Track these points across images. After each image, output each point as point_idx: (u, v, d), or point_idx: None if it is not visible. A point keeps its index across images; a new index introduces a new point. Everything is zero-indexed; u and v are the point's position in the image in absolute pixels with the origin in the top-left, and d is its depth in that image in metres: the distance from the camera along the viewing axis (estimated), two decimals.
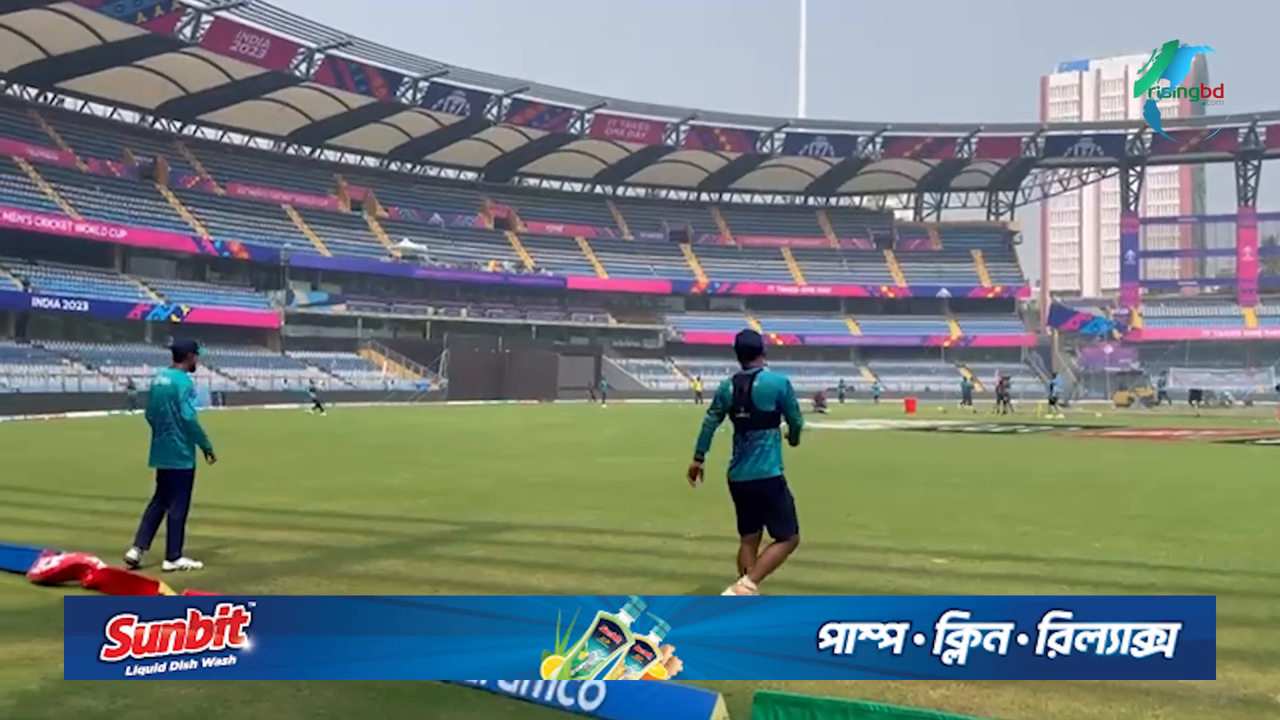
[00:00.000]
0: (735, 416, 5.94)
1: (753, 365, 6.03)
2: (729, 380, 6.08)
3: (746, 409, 5.88)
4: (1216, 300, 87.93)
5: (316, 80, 65.97)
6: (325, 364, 61.22)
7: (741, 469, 5.96)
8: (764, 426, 5.91)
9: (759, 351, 6.08)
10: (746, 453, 5.93)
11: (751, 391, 5.87)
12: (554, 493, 12.70)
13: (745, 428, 5.91)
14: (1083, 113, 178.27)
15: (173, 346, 8.17)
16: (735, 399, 5.94)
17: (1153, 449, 21.74)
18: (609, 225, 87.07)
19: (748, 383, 5.91)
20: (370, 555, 8.39)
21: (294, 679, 4.79)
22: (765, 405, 5.87)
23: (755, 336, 6.17)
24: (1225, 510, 10.89)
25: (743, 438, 5.94)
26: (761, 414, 5.87)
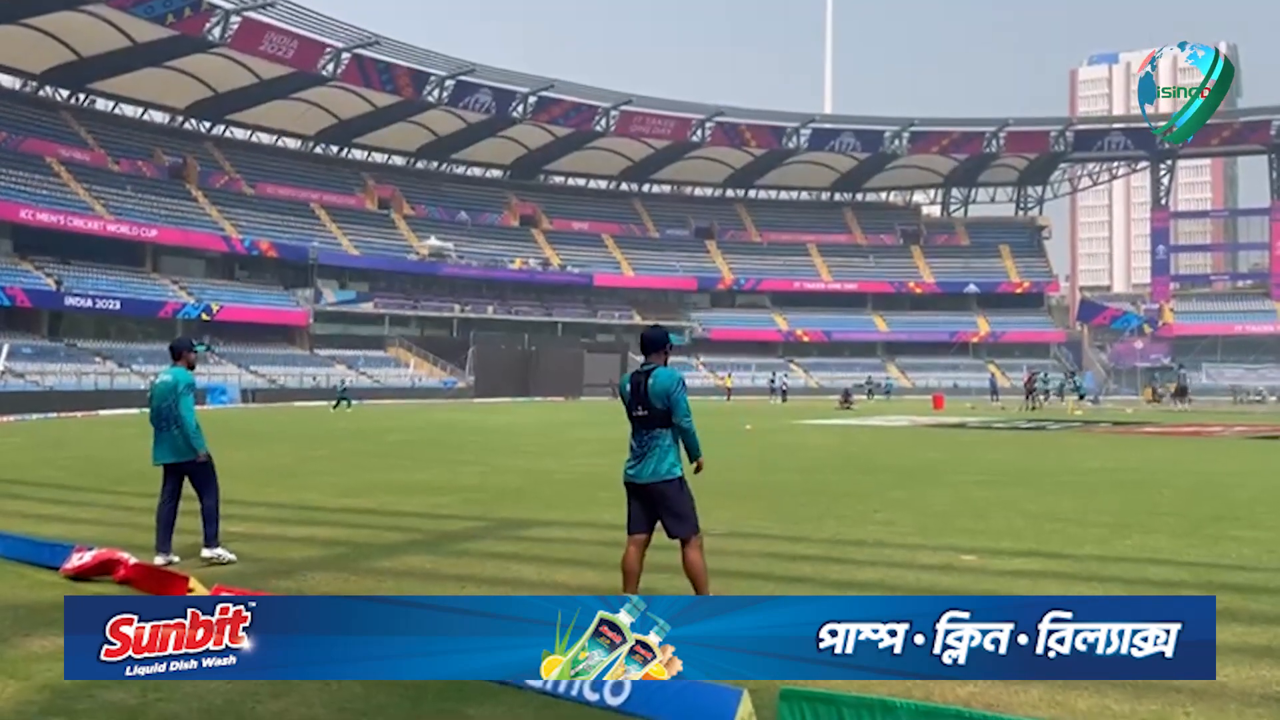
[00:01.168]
0: (632, 415, 5.74)
1: (652, 360, 5.78)
2: (627, 377, 5.87)
3: (643, 406, 5.66)
4: (1249, 295, 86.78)
5: (344, 80, 66.38)
6: (353, 362, 61.63)
7: (642, 470, 5.72)
8: (661, 425, 5.68)
9: (659, 347, 5.81)
10: (646, 452, 5.70)
11: (647, 389, 5.64)
12: (580, 489, 12.72)
13: (642, 426, 5.71)
14: (1112, 106, 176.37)
15: (171, 346, 8.24)
16: (632, 396, 5.72)
17: (1183, 445, 21.50)
18: (634, 222, 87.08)
19: (644, 379, 5.68)
20: (397, 551, 8.44)
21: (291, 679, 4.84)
22: (659, 403, 5.62)
23: (658, 330, 5.92)
24: (1258, 507, 10.76)
25: (641, 436, 5.72)
26: (659, 412, 5.64)
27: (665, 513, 5.79)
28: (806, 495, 12.08)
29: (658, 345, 5.82)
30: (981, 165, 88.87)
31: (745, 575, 7.23)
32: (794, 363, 77.92)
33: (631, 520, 5.86)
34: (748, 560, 7.86)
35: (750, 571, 7.39)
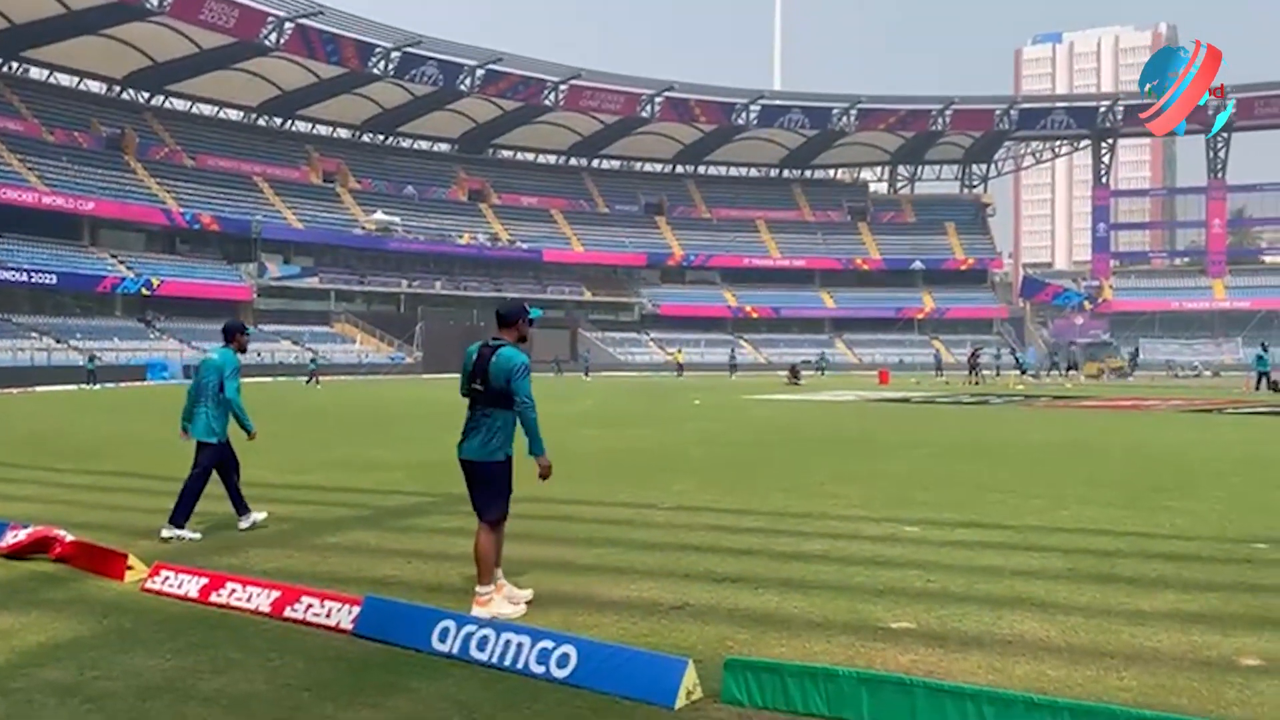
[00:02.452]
0: (471, 387, 5.51)
1: (504, 336, 5.58)
2: (475, 348, 5.58)
3: (481, 382, 5.43)
4: (1186, 272, 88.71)
5: (287, 50, 65.08)
6: (298, 337, 60.77)
7: (469, 446, 5.52)
8: (495, 405, 5.43)
9: (513, 321, 5.60)
10: (476, 429, 5.50)
11: (490, 364, 5.41)
12: (528, 465, 12.67)
13: (477, 401, 5.48)
14: (1055, 85, 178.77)
15: (224, 327, 8.40)
16: (474, 369, 5.47)
17: (1121, 418, 21.97)
18: (584, 198, 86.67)
19: (489, 354, 5.44)
20: (343, 527, 8.36)
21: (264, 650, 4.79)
22: (498, 382, 5.39)
23: (514, 304, 5.73)
24: (1193, 479, 11.02)
25: (473, 411, 5.51)
26: (495, 391, 5.40)
27: (477, 492, 5.55)
28: (754, 469, 12.17)
29: (511, 320, 5.61)
30: (927, 143, 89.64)
31: (693, 548, 7.27)
32: (743, 339, 78.29)
33: (475, 501, 5.65)
34: (695, 534, 7.90)
35: (698, 544, 7.43)
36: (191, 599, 5.74)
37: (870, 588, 5.98)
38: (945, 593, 5.85)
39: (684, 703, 3.99)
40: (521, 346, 5.59)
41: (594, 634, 4.88)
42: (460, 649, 4.64)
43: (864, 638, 4.95)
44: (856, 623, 5.22)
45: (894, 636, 4.98)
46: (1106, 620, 5.22)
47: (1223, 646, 4.73)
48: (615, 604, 5.67)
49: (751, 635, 5.01)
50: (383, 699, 4.15)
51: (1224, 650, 4.68)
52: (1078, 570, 6.42)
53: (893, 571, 6.42)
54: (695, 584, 6.12)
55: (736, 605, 5.60)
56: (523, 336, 5.66)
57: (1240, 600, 5.61)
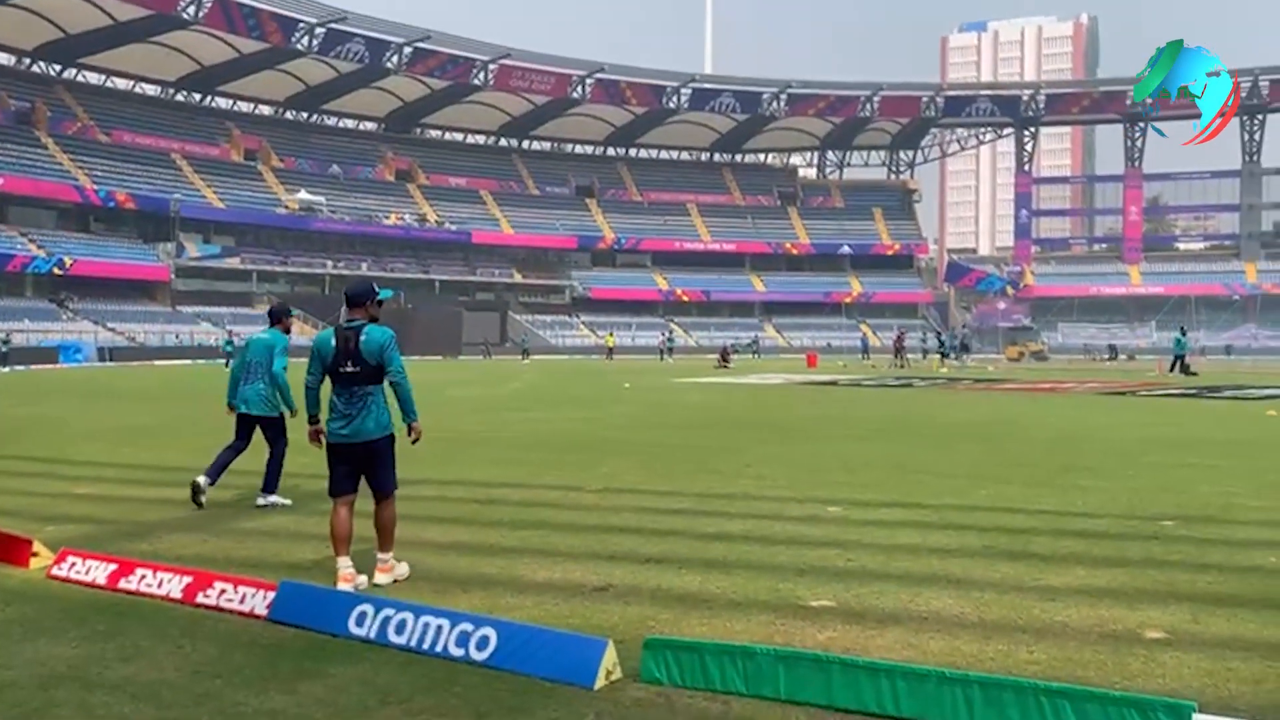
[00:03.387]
0: (341, 371, 5.58)
1: (356, 315, 5.68)
2: (329, 333, 5.69)
3: (354, 363, 5.55)
4: (1104, 258, 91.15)
5: (206, 23, 63.38)
6: (218, 319, 59.45)
7: (355, 426, 5.61)
8: (373, 381, 5.61)
9: (363, 301, 5.71)
10: (360, 410, 5.61)
11: (359, 345, 5.54)
12: (454, 448, 12.57)
13: (353, 382, 5.58)
14: (980, 73, 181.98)
15: (269, 311, 8.82)
16: (339, 353, 5.57)
17: (1039, 401, 22.52)
18: (514, 179, 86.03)
19: (354, 336, 5.57)
20: (259, 511, 8.20)
21: (175, 637, 4.67)
22: (373, 360, 5.56)
23: (364, 284, 5.83)
24: (1105, 458, 11.33)
25: (350, 393, 5.60)
26: (371, 368, 5.56)
27: (378, 468, 5.71)
28: (681, 452, 12.21)
29: (362, 299, 5.71)
30: (856, 129, 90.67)
31: (618, 530, 7.27)
32: (674, 322, 78.57)
33: (339, 482, 5.70)
34: (621, 515, 7.90)
35: (623, 526, 7.43)
36: (100, 586, 5.57)
37: (791, 567, 6.03)
38: (864, 571, 5.93)
39: (603, 683, 3.98)
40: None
41: (516, 616, 4.85)
42: (378, 633, 4.58)
43: (784, 616, 4.99)
44: (777, 601, 5.26)
45: (813, 614, 5.03)
46: (1019, 596, 5.33)
47: (1129, 620, 4.87)
48: (538, 586, 5.65)
49: (674, 615, 5.02)
50: (297, 684, 4.07)
51: (1130, 624, 4.81)
52: (993, 548, 6.56)
53: (814, 551, 6.49)
54: (619, 565, 6.12)
55: (659, 586, 5.61)
56: (373, 318, 5.74)
57: (1147, 576, 5.78)
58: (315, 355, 5.72)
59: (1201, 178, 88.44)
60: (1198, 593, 5.39)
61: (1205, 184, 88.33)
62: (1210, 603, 5.18)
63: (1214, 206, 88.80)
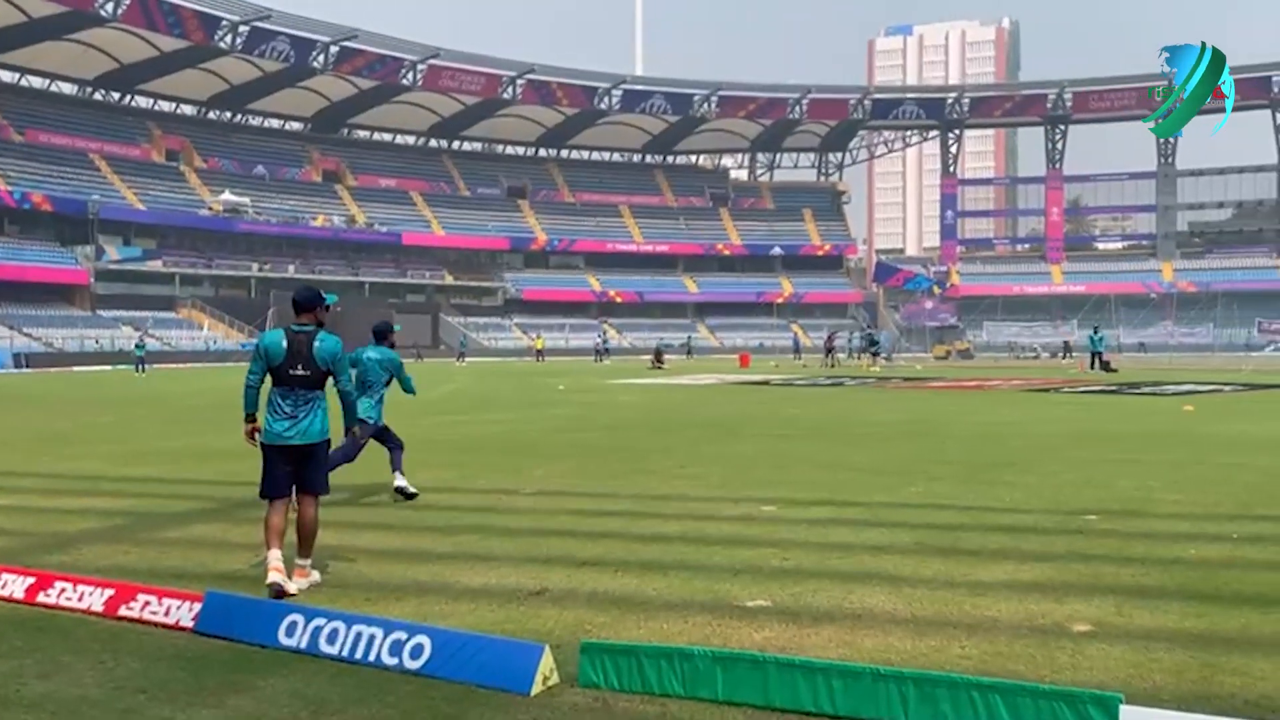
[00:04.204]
0: (291, 374, 5.59)
1: (304, 320, 5.71)
2: (278, 333, 5.68)
3: (305, 366, 5.59)
4: (1027, 258, 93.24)
5: (125, 21, 61.74)
6: (141, 323, 57.94)
7: (306, 429, 5.64)
8: (321, 387, 5.69)
9: (312, 307, 5.73)
10: (310, 412, 5.65)
11: (313, 350, 5.60)
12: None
13: (302, 385, 5.61)
14: (906, 76, 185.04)
15: (375, 329, 9.06)
16: (290, 355, 5.58)
17: (966, 398, 22.94)
18: (444, 180, 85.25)
19: (307, 340, 5.62)
20: (185, 521, 7.99)
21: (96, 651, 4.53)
22: (325, 366, 5.63)
23: (310, 290, 5.83)
24: (1031, 455, 11.57)
25: (297, 396, 5.63)
26: (321, 374, 5.63)
27: (314, 470, 5.75)
28: (616, 453, 12.20)
29: (311, 305, 5.72)
30: (785, 131, 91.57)
31: (553, 533, 7.23)
32: (607, 323, 78.54)
33: (277, 483, 5.73)
34: (556, 518, 7.86)
35: (558, 529, 7.39)
36: (17, 600, 5.38)
37: (727, 567, 6.05)
38: (799, 570, 5.97)
39: (540, 689, 3.95)
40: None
41: (450, 623, 4.79)
42: (309, 643, 4.48)
43: (720, 617, 5.00)
44: (713, 602, 5.27)
45: (750, 615, 5.05)
46: (950, 592, 5.41)
47: (1056, 613, 4.97)
48: (473, 591, 5.59)
49: (610, 618, 5.00)
50: (224, 698, 3.97)
51: (1057, 617, 4.91)
52: (924, 544, 6.65)
53: (749, 551, 6.52)
54: (555, 569, 6.08)
55: (596, 589, 5.59)
56: (320, 322, 5.77)
57: (1073, 569, 5.91)
58: (260, 355, 5.68)
59: (1119, 179, 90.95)
60: (1122, 585, 5.52)
61: (1123, 185, 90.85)
62: (1134, 595, 5.31)
63: (1131, 207, 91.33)
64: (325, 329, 5.75)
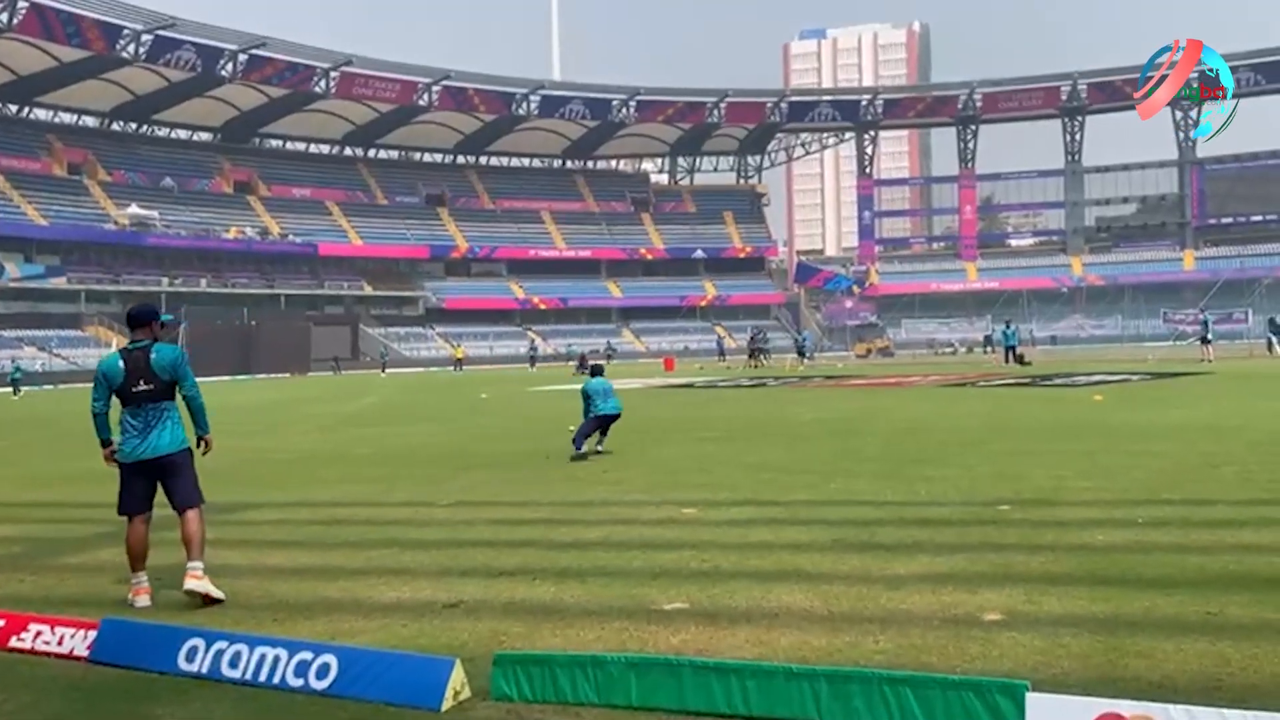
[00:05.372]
0: (134, 391, 5.64)
1: (140, 336, 5.77)
2: (115, 356, 5.76)
3: (147, 380, 5.64)
4: (942, 256, 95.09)
5: (20, 31, 59.74)
6: (44, 343, 56.07)
7: (156, 442, 5.68)
8: (166, 397, 5.72)
9: (147, 322, 5.81)
10: (155, 426, 5.68)
11: (151, 363, 5.65)
12: (300, 468, 12.14)
13: (147, 400, 5.65)
14: (821, 79, 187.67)
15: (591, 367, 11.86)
16: (129, 373, 5.64)
17: (886, 395, 23.27)
18: (361, 189, 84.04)
19: (144, 354, 5.68)
20: (87, 546, 7.70)
21: None
22: (166, 376, 5.69)
23: (145, 306, 5.93)
24: (948, 448, 11.74)
25: (144, 411, 5.67)
26: (165, 385, 5.69)
27: (179, 482, 5.77)
28: (538, 460, 12.09)
29: (146, 319, 5.82)
30: (704, 134, 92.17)
31: (470, 544, 7.11)
32: (531, 330, 78.18)
33: (135, 499, 5.77)
34: (475, 529, 7.74)
35: (476, 540, 7.27)
36: None
37: (646, 571, 6.00)
38: (718, 571, 5.95)
39: (451, 704, 3.85)
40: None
41: (361, 640, 4.67)
42: (210, 668, 4.32)
43: (638, 621, 4.95)
44: (631, 607, 5.22)
45: (667, 618, 5.00)
46: (866, 587, 5.43)
47: (969, 604, 5.01)
48: (385, 607, 5.45)
49: (526, 628, 4.92)
50: None
51: (969, 607, 4.95)
52: (842, 541, 6.68)
53: (669, 554, 6.48)
54: (471, 580, 5.97)
55: (512, 599, 5.50)
56: (156, 338, 5.86)
57: (986, 559, 5.98)
58: (101, 381, 5.75)
59: (1029, 177, 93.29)
60: (1032, 573, 5.60)
61: (1033, 183, 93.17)
62: (1044, 582, 5.39)
63: (1042, 204, 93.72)
64: (161, 342, 5.81)
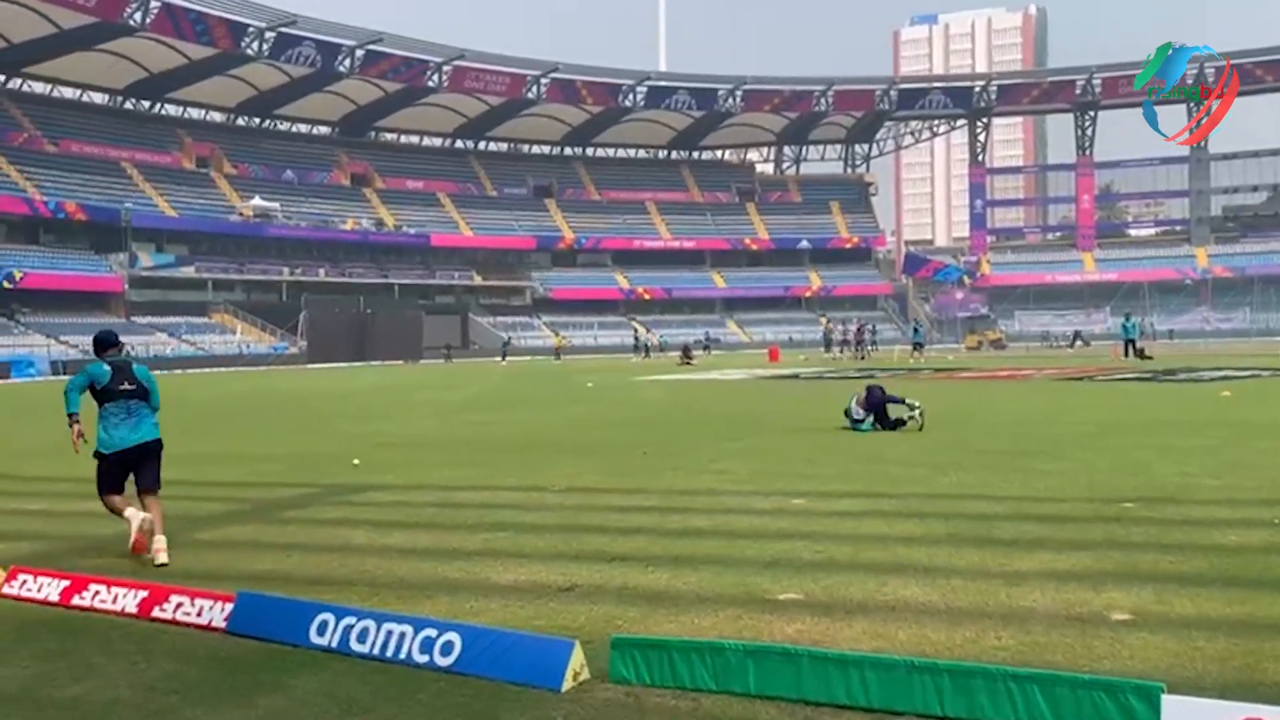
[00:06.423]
0: (120, 390, 6.87)
1: (111, 353, 7.11)
2: (102, 364, 6.98)
3: (131, 383, 6.93)
4: (1057, 246, 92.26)
5: (153, 30, 62.40)
6: (174, 329, 58.60)
7: (141, 433, 6.88)
8: (145, 399, 6.97)
9: (117, 343, 7.22)
10: (140, 417, 6.92)
11: (134, 371, 7.01)
12: (414, 452, 12.45)
13: (131, 398, 6.92)
14: (933, 65, 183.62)
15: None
16: (116, 377, 6.89)
17: (999, 388, 22.71)
18: (471, 181, 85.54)
19: (127, 365, 7.06)
20: (218, 522, 8.05)
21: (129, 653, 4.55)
22: (144, 383, 6.99)
23: (109, 333, 7.25)
24: (1064, 443, 11.42)
25: (129, 405, 6.90)
26: (143, 389, 6.96)
27: (151, 467, 6.91)
28: (644, 449, 12.15)
29: (116, 341, 7.20)
30: (811, 123, 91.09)
31: (583, 529, 7.21)
32: (635, 320, 78.52)
33: (117, 480, 6.86)
34: (585, 514, 7.84)
35: (588, 525, 7.37)
36: (52, 603, 5.43)
37: (758, 561, 6.00)
38: (831, 562, 5.91)
39: (571, 685, 3.92)
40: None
41: (481, 620, 4.78)
42: (340, 642, 4.48)
43: (751, 610, 4.95)
44: (744, 596, 5.23)
45: (781, 608, 5.00)
46: (985, 582, 5.33)
47: (1094, 603, 4.88)
48: (502, 588, 5.57)
49: (640, 613, 4.96)
50: (256, 698, 3.97)
51: (1095, 606, 4.82)
52: (958, 535, 6.57)
53: (780, 544, 6.46)
54: (585, 565, 6.06)
55: (626, 584, 5.56)
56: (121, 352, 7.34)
57: (1110, 557, 5.81)
58: (88, 377, 6.92)
59: (1151, 165, 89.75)
60: (1161, 573, 5.42)
61: (1155, 171, 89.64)
62: (1174, 582, 5.21)
63: (1164, 193, 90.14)
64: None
